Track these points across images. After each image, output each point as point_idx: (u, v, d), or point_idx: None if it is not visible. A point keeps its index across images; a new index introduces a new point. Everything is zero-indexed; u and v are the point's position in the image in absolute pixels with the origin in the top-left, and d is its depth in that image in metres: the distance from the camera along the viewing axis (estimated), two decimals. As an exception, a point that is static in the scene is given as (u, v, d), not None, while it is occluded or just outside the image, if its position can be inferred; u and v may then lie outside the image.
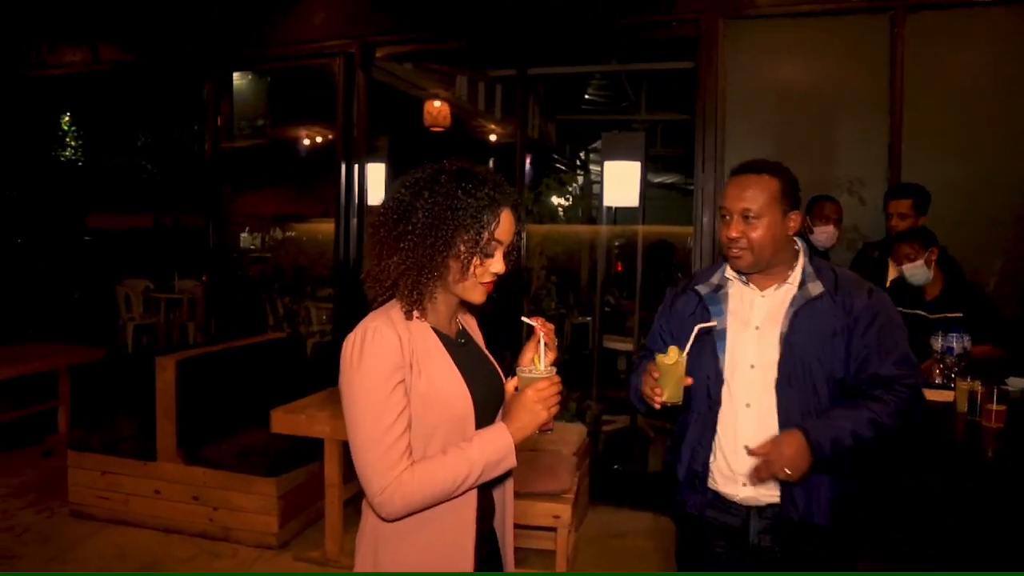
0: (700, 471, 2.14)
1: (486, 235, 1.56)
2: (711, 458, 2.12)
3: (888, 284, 3.71)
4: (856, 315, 2.01)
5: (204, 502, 4.20)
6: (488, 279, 1.61)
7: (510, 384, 1.71)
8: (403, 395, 1.52)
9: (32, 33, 6.36)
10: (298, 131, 10.22)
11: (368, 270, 1.62)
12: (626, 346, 6.64)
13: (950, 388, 3.12)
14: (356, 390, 1.50)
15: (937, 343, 3.25)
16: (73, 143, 10.39)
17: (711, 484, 2.14)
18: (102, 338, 8.12)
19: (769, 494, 2.05)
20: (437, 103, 8.21)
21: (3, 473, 5.07)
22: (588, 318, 7.23)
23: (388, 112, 7.04)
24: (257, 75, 9.61)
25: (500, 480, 1.71)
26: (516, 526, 3.87)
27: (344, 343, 1.55)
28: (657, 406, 1.99)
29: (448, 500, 1.54)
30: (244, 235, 12.37)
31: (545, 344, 1.66)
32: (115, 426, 4.49)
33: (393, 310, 1.59)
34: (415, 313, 1.59)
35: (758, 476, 1.99)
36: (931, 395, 3.06)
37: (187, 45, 5.87)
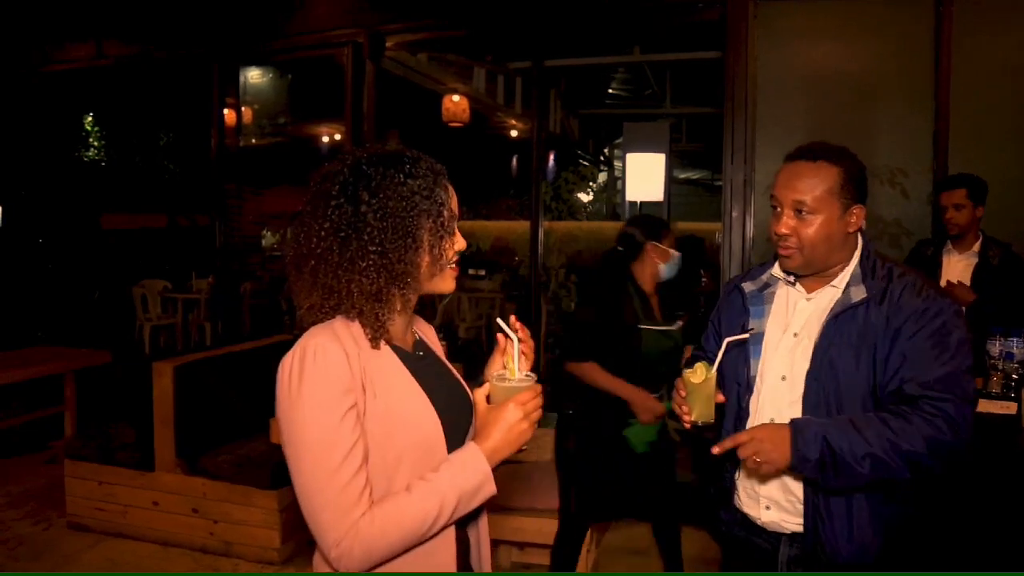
0: (728, 487, 1.93)
1: (446, 212, 1.38)
2: (737, 473, 1.91)
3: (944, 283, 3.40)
4: (899, 324, 1.69)
5: (204, 515, 3.99)
6: (455, 260, 1.42)
7: (480, 394, 1.48)
8: (355, 423, 1.26)
9: (39, 29, 6.22)
10: (319, 128, 10.09)
11: (312, 304, 1.35)
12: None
13: (1011, 398, 2.82)
14: (298, 422, 1.25)
15: (995, 348, 2.95)
16: (96, 143, 10.35)
17: (737, 503, 1.92)
18: (118, 340, 8.01)
19: (793, 522, 1.80)
20: (456, 98, 8.01)
21: (5, 481, 4.91)
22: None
23: (402, 106, 6.84)
24: (279, 73, 9.50)
25: (474, 515, 1.45)
26: (530, 544, 3.65)
27: (280, 366, 1.29)
28: (687, 426, 1.78)
29: (421, 544, 1.29)
30: (266, 234, 12.29)
31: (522, 353, 1.44)
32: (114, 434, 4.30)
33: (337, 323, 1.34)
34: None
35: (721, 448, 1.73)
36: (989, 406, 2.77)
37: (193, 38, 5.69)
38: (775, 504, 1.82)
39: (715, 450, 1.73)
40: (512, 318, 1.48)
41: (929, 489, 1.83)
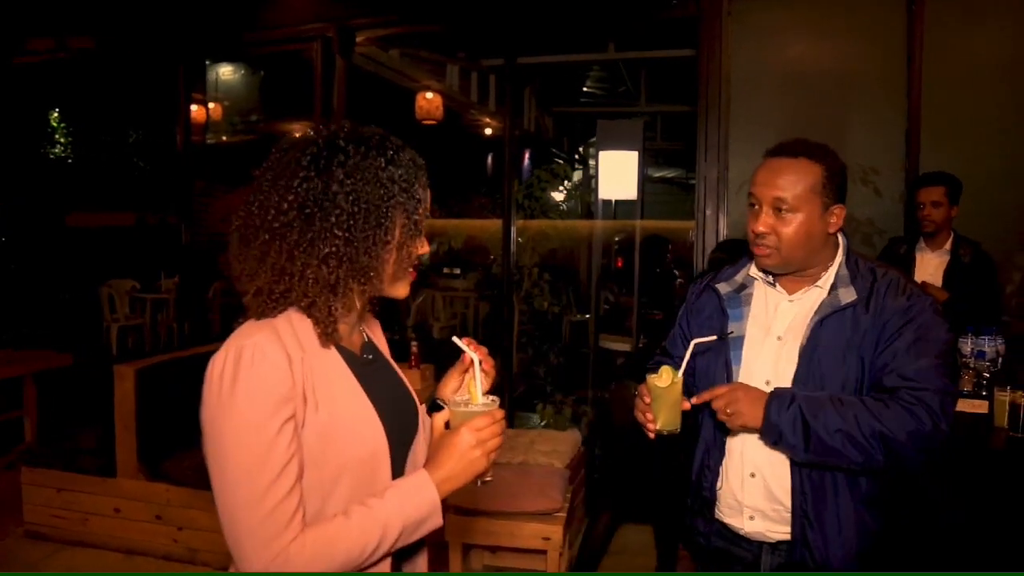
0: (708, 497, 1.86)
1: (421, 211, 1.26)
2: (718, 484, 1.84)
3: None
4: (884, 322, 1.66)
5: (167, 521, 3.89)
6: (415, 265, 1.30)
7: (439, 419, 1.36)
8: (292, 438, 1.14)
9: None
10: (291, 126, 9.93)
11: (259, 288, 1.20)
12: (624, 346, 6.32)
13: (982, 397, 2.80)
14: (227, 433, 1.11)
15: (967, 346, 2.93)
16: (63, 139, 10.12)
17: (718, 514, 1.85)
18: (85, 342, 7.84)
19: (779, 531, 1.76)
20: (429, 95, 7.91)
21: (-38, 488, 4.76)
22: (587, 315, 6.93)
23: (374, 103, 6.75)
24: (251, 69, 9.35)
25: (412, 549, 1.32)
26: (504, 548, 3.59)
27: (210, 365, 1.15)
28: (651, 435, 1.71)
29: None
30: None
31: (483, 371, 1.34)
32: (74, 439, 4.19)
33: (280, 320, 1.21)
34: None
35: (698, 399, 1.72)
36: (961, 405, 2.75)
37: (158, 33, 5.55)
38: (760, 514, 1.77)
39: (694, 400, 1.72)
40: (466, 339, 1.39)
41: (916, 493, 1.80)
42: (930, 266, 3.52)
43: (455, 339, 1.39)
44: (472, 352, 1.35)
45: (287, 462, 1.12)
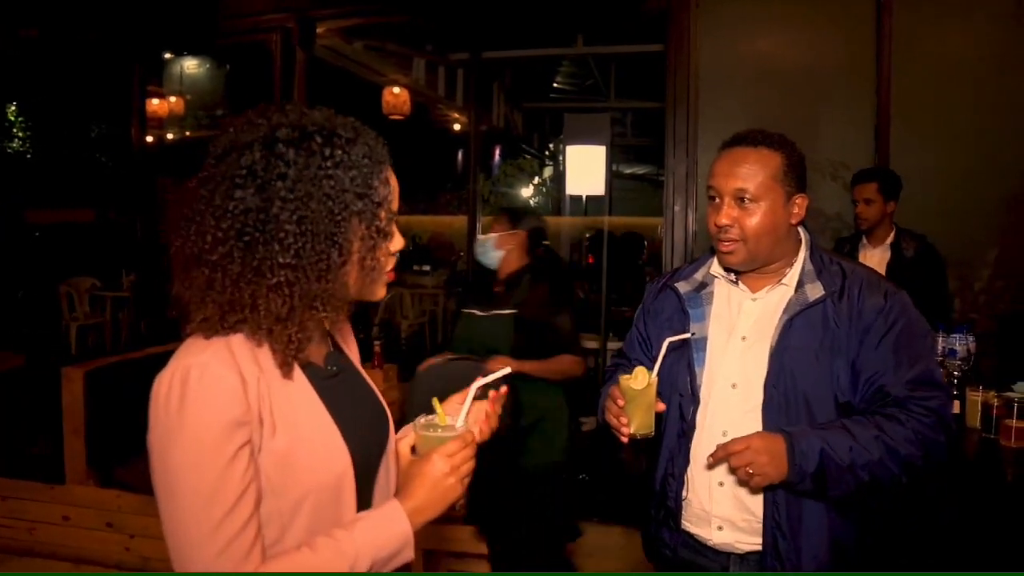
0: (673, 507, 1.76)
1: (383, 214, 1.10)
2: (684, 493, 1.75)
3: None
4: (867, 324, 1.59)
5: (119, 529, 3.75)
6: (392, 265, 1.16)
7: (404, 445, 1.24)
8: (248, 464, 1.02)
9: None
10: (254, 121, 9.78)
11: (208, 316, 1.06)
12: (593, 343, 6.26)
13: (954, 396, 2.75)
14: (176, 460, 1.00)
15: (938, 345, 2.88)
16: (21, 134, 9.87)
17: (684, 524, 1.76)
18: (42, 342, 7.64)
19: (749, 541, 1.67)
20: (396, 90, 7.80)
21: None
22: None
23: (340, 98, 6.61)
24: (216, 63, 9.18)
25: None
26: (467, 555, 3.49)
27: (155, 386, 1.03)
28: (624, 439, 1.61)
29: None
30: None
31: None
32: (22, 444, 4.03)
33: (235, 337, 1.08)
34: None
35: (714, 458, 1.59)
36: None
37: (113, 24, 5.37)
38: (728, 524, 1.69)
39: (709, 460, 1.61)
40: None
41: (913, 496, 1.75)
42: (871, 262, 3.47)
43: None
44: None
45: (243, 491, 1.01)
